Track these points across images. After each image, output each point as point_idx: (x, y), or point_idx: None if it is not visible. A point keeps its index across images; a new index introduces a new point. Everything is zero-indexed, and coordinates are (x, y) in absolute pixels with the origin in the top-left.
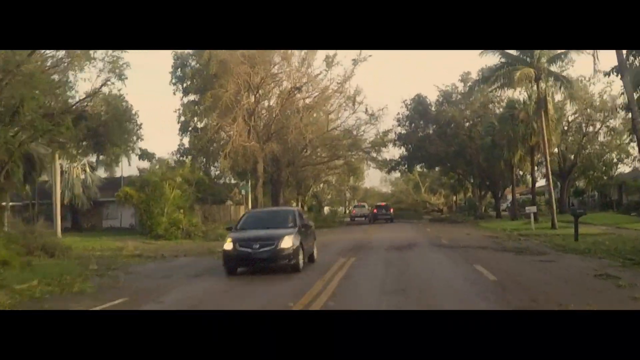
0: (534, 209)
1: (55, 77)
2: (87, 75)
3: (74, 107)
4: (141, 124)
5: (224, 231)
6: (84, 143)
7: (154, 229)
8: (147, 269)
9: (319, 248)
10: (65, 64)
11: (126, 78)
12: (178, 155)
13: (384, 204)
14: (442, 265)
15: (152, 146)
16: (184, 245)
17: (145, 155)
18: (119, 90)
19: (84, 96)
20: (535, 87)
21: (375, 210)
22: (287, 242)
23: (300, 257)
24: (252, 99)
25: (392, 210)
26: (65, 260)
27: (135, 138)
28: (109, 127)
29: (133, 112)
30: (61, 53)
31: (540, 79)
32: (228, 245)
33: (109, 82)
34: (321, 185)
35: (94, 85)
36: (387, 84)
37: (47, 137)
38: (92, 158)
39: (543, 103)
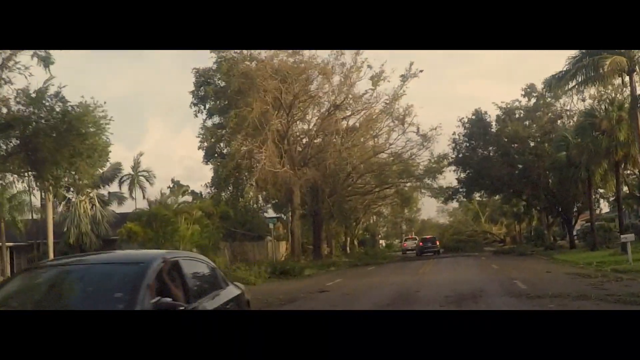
0: (631, 237)
1: None
2: None
3: None
4: (98, 138)
5: (245, 272)
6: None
7: None
8: None
9: (347, 302)
10: None
11: (52, 63)
12: (212, 188)
13: (429, 236)
14: None
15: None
16: None
17: (177, 187)
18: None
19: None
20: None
21: (421, 244)
22: None
23: None
24: (285, 119)
25: (438, 242)
26: None
27: (84, 156)
28: (43, 139)
29: (106, 120)
30: None
31: (635, 70)
32: None
33: (17, 65)
34: (373, 217)
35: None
36: (439, 100)
37: None
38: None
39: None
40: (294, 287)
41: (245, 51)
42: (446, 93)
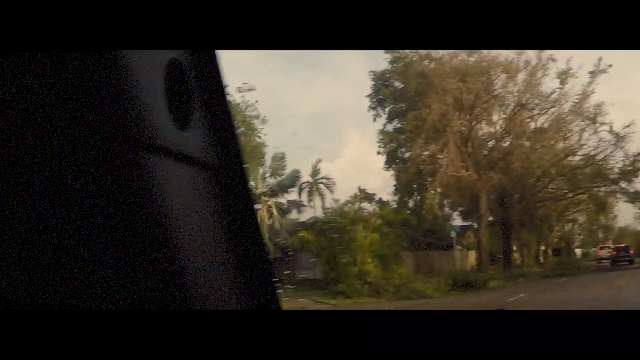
0: None
1: None
2: None
3: None
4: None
5: (423, 284)
6: None
7: (340, 282)
8: None
9: None
10: None
11: None
12: (397, 195)
13: (622, 245)
14: None
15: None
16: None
17: (358, 194)
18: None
19: None
20: None
21: (614, 253)
22: None
23: None
24: (467, 120)
25: (632, 251)
26: None
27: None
28: None
29: (258, 120)
30: None
31: None
32: None
33: None
34: (568, 224)
35: None
36: (628, 98)
37: None
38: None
39: None
40: (472, 303)
41: (422, 51)
42: (634, 90)
